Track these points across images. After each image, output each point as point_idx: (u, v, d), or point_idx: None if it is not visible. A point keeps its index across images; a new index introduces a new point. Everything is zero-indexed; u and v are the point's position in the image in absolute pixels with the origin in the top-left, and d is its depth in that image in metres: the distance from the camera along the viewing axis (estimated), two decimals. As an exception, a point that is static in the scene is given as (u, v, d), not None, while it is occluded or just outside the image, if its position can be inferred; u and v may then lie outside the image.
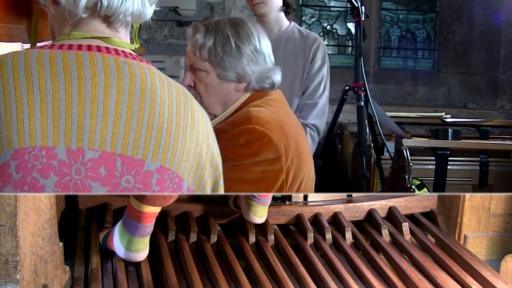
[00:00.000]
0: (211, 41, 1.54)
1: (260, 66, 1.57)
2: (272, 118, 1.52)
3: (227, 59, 1.54)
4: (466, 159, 3.16)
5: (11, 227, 1.52)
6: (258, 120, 1.49)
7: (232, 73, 1.55)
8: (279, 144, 1.49)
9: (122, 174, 1.00)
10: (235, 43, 1.54)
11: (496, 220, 2.35)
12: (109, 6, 1.05)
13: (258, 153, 1.48)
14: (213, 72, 1.56)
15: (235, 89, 1.57)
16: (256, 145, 1.47)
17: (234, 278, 1.85)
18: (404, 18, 4.95)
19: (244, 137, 1.48)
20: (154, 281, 1.81)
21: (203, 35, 1.55)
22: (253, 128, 1.48)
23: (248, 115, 1.52)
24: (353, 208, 2.32)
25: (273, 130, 1.49)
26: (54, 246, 1.74)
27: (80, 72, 1.01)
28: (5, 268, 1.54)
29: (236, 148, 1.47)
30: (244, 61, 1.54)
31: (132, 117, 1.01)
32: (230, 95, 1.58)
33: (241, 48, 1.54)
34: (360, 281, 1.88)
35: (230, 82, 1.56)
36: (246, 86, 1.57)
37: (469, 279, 1.90)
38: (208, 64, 1.55)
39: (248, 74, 1.55)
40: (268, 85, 1.59)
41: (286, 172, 1.51)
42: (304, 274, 1.87)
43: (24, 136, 0.97)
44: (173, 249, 2.01)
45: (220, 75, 1.55)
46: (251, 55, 1.55)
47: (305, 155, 1.60)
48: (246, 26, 1.57)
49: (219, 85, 1.57)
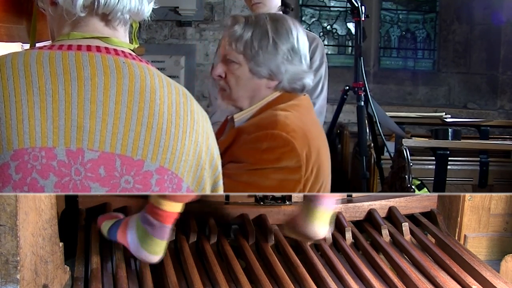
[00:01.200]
0: (249, 34, 1.51)
1: (295, 67, 1.53)
2: (298, 126, 1.47)
3: (262, 54, 1.50)
4: (466, 159, 3.16)
5: (11, 227, 1.52)
6: (284, 127, 1.44)
7: (265, 69, 1.51)
8: (302, 154, 1.44)
9: (122, 175, 1.00)
10: (273, 39, 1.50)
11: (496, 220, 2.35)
12: (106, 4, 1.05)
13: (279, 160, 1.43)
14: (246, 66, 1.52)
15: (266, 86, 1.53)
16: (279, 152, 1.43)
17: (234, 278, 1.85)
18: (404, 18, 4.95)
19: (267, 142, 1.43)
20: (154, 281, 1.81)
21: (242, 26, 1.52)
22: (278, 134, 1.43)
23: (275, 119, 1.47)
24: (353, 208, 2.32)
25: (298, 138, 1.44)
26: (54, 246, 1.74)
27: (80, 72, 1.01)
28: (5, 268, 1.54)
29: (257, 152, 1.43)
30: (279, 58, 1.51)
31: (132, 117, 1.01)
32: (259, 91, 1.54)
33: (278, 45, 1.50)
34: (360, 281, 1.88)
35: (261, 78, 1.52)
36: (277, 84, 1.53)
37: (469, 279, 1.90)
38: (242, 57, 1.51)
39: (281, 72, 1.52)
40: (299, 87, 1.55)
41: (304, 183, 1.46)
42: (304, 274, 1.87)
43: (24, 136, 0.97)
44: (173, 249, 2.01)
45: (253, 70, 1.51)
46: (287, 53, 1.51)
47: (325, 166, 1.56)
48: (286, 23, 1.54)
49: (250, 80, 1.52)
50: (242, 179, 1.42)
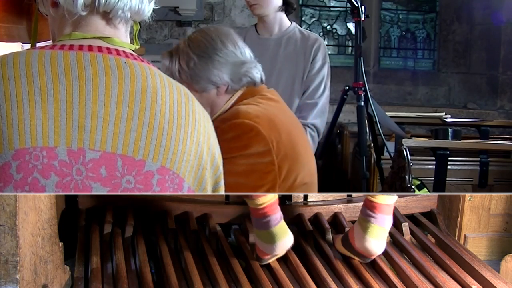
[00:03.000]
0: (176, 63, 1.63)
1: (230, 66, 1.61)
2: (261, 113, 1.55)
3: (196, 72, 1.60)
4: (466, 159, 3.16)
5: (11, 227, 1.52)
6: (246, 115, 1.52)
7: (206, 83, 1.61)
8: (269, 137, 1.51)
9: (123, 175, 1.00)
10: (197, 55, 1.60)
11: (496, 220, 2.35)
12: (106, 2, 1.05)
13: (247, 146, 1.50)
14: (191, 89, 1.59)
15: (217, 94, 1.63)
16: (245, 138, 1.50)
17: (234, 278, 1.85)
18: (404, 18, 4.95)
19: (232, 131, 1.51)
20: (154, 281, 1.81)
21: (169, 60, 1.64)
22: (241, 122, 1.51)
23: (237, 111, 1.55)
24: (353, 208, 2.32)
25: (262, 123, 1.52)
26: (54, 246, 1.74)
27: (81, 72, 1.01)
28: (5, 268, 1.54)
29: (225, 142, 1.47)
30: (210, 68, 1.60)
31: (133, 117, 1.01)
32: (215, 101, 1.63)
33: (204, 58, 1.60)
34: (360, 281, 1.88)
35: (209, 91, 1.62)
36: (226, 89, 1.62)
37: (469, 279, 1.90)
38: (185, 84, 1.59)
39: (221, 77, 1.60)
40: (246, 82, 1.63)
41: (278, 165, 1.52)
42: (304, 274, 1.87)
43: (25, 136, 0.97)
44: (173, 249, 2.01)
45: (197, 89, 1.61)
46: (216, 59, 1.60)
47: (300, 149, 1.61)
48: (203, 35, 1.63)
49: (201, 98, 1.61)
50: None
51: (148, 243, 2.04)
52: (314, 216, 2.27)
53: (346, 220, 2.25)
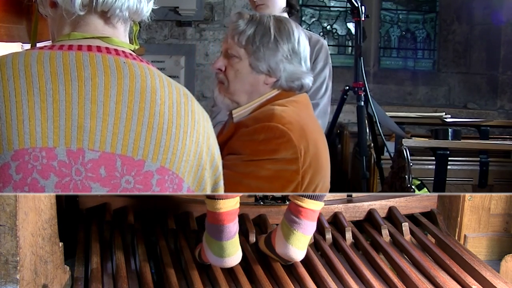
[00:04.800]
0: (252, 29, 1.55)
1: (294, 67, 1.56)
2: (295, 119, 1.51)
3: (263, 50, 1.54)
4: (466, 159, 3.16)
5: (11, 227, 1.52)
6: (280, 119, 1.48)
7: (264, 65, 1.55)
8: (298, 145, 1.47)
9: (122, 175, 1.00)
10: (275, 36, 1.54)
11: (496, 220, 2.35)
12: (104, 1, 1.05)
13: (276, 151, 1.46)
14: (246, 60, 1.56)
15: (264, 81, 1.57)
16: (275, 143, 1.46)
17: (234, 278, 1.85)
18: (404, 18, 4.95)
19: (264, 133, 1.47)
20: (154, 281, 1.81)
21: (245, 22, 1.56)
22: (274, 126, 1.47)
23: (271, 112, 1.51)
24: (353, 208, 2.32)
25: (294, 130, 1.48)
26: (54, 246, 1.74)
27: (80, 72, 1.01)
28: (5, 268, 1.54)
29: (254, 143, 1.47)
30: (279, 56, 1.54)
31: (132, 117, 1.01)
32: (257, 87, 1.57)
33: (279, 43, 1.54)
34: (360, 281, 1.88)
35: (260, 74, 1.56)
36: (275, 81, 1.57)
37: (469, 279, 1.90)
38: (243, 51, 1.55)
39: (280, 70, 1.55)
40: (296, 86, 1.59)
41: (302, 175, 1.49)
42: (304, 274, 1.87)
43: (24, 137, 0.97)
44: (173, 249, 2.01)
45: (253, 64, 1.55)
46: (287, 52, 1.55)
47: (323, 161, 1.58)
48: (289, 24, 1.58)
49: (248, 74, 1.56)
50: (239, 169, 1.45)
51: (148, 243, 2.04)
52: (314, 216, 2.26)
53: (346, 220, 2.25)
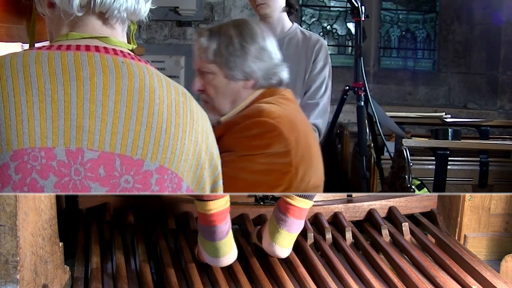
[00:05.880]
0: (215, 42, 1.58)
1: (266, 63, 1.59)
2: (283, 113, 1.54)
3: (233, 59, 1.56)
4: (466, 159, 3.16)
5: (11, 227, 1.52)
6: (269, 114, 1.51)
7: (239, 72, 1.57)
8: (289, 138, 1.50)
9: (121, 174, 1.00)
10: (239, 42, 1.57)
11: (496, 220, 2.35)
12: (102, 2, 1.05)
13: (268, 145, 1.49)
14: (220, 73, 1.58)
15: (244, 87, 1.59)
16: (267, 137, 1.49)
17: (234, 278, 1.85)
18: (404, 18, 4.95)
19: (256, 129, 1.49)
20: (154, 281, 1.81)
21: (207, 38, 1.59)
22: (265, 121, 1.49)
23: (260, 109, 1.53)
24: (353, 208, 2.32)
25: (284, 124, 1.51)
26: (54, 246, 1.74)
27: (79, 72, 1.01)
28: (5, 268, 1.54)
29: (247, 139, 1.49)
30: (249, 59, 1.57)
31: (131, 117, 1.01)
32: (239, 94, 1.60)
33: (245, 47, 1.57)
34: (360, 281, 1.88)
35: (237, 81, 1.58)
36: (254, 83, 1.59)
37: (469, 279, 1.90)
38: (214, 65, 1.58)
39: (255, 71, 1.58)
40: (275, 82, 1.61)
41: (295, 166, 1.51)
42: (304, 274, 1.87)
43: (23, 137, 0.97)
44: (173, 249, 2.01)
45: (228, 75, 1.58)
46: (255, 52, 1.57)
47: (314, 152, 1.61)
48: (249, 26, 1.60)
49: (227, 86, 1.59)
50: (233, 165, 1.47)
51: (148, 243, 2.04)
52: (314, 216, 2.27)
53: (346, 220, 2.25)
